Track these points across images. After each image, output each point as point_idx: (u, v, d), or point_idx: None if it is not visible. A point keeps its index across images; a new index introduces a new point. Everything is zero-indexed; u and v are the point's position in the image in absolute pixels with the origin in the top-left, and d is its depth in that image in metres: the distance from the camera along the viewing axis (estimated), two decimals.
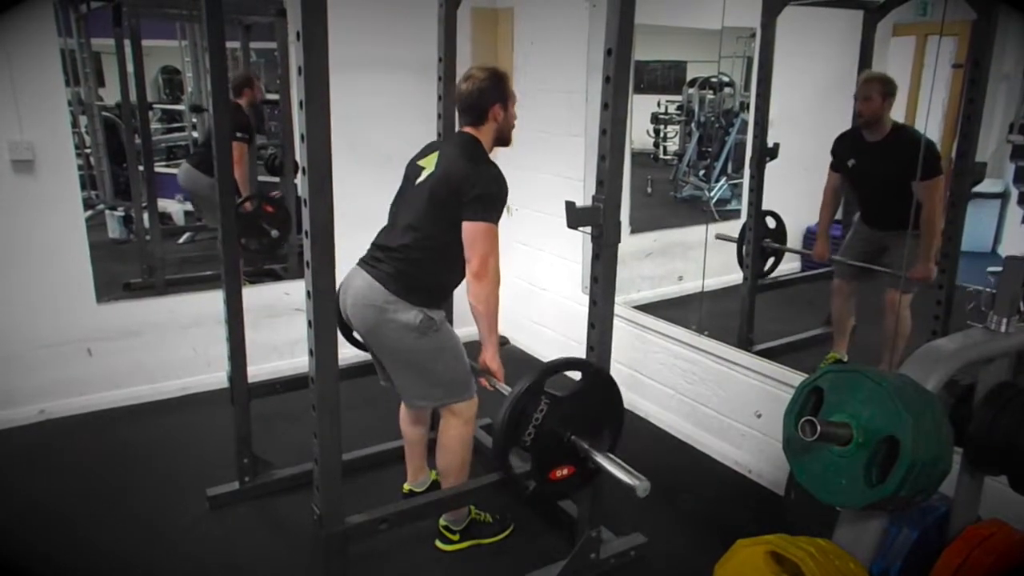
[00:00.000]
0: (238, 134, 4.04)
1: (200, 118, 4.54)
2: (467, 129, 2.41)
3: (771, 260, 3.72)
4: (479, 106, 2.36)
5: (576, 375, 2.19)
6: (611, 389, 2.18)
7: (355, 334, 2.62)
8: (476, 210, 2.24)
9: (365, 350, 2.68)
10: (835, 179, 3.40)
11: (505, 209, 2.42)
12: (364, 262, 2.43)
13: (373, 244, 2.49)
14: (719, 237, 3.67)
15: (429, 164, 2.41)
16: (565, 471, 2.14)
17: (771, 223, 3.66)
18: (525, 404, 2.03)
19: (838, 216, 3.49)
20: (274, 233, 4.03)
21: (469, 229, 2.25)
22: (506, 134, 2.45)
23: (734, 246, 3.71)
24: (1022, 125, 2.98)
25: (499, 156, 3.87)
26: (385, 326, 2.33)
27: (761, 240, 3.62)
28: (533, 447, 2.06)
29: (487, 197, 2.26)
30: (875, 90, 3.07)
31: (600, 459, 2.06)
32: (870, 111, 3.09)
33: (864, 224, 3.35)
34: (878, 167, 3.16)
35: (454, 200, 2.26)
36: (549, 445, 2.08)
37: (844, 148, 3.31)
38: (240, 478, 2.84)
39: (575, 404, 2.12)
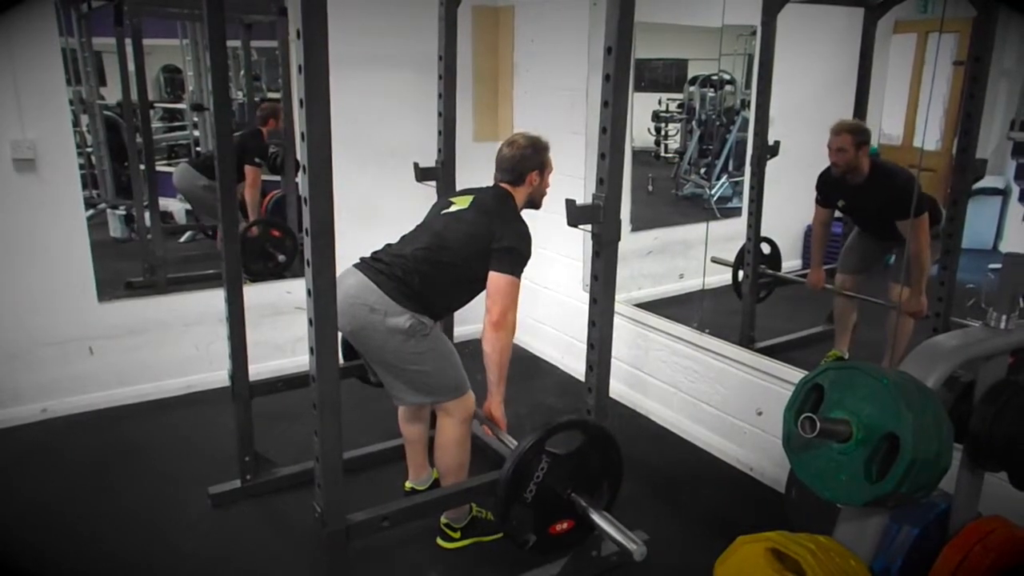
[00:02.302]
0: (256, 159, 4.15)
1: (201, 117, 4.55)
2: (503, 184, 2.51)
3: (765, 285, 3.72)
4: (518, 170, 2.49)
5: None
6: (611, 447, 2.22)
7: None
8: (504, 263, 2.32)
9: (356, 357, 2.70)
10: (823, 214, 3.44)
11: None
12: (361, 264, 2.44)
13: (375, 252, 2.50)
14: (715, 261, 3.65)
15: (462, 203, 2.49)
16: (565, 525, 2.19)
17: (766, 249, 3.67)
18: (527, 463, 2.08)
19: (837, 214, 3.49)
20: (281, 258, 4.09)
21: (495, 280, 2.32)
22: (537, 199, 2.59)
23: (734, 245, 3.71)
24: (1023, 122, 2.98)
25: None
26: (373, 327, 2.32)
27: (759, 264, 3.62)
28: (534, 503, 2.12)
29: (516, 252, 2.35)
30: (847, 142, 3.09)
31: (597, 519, 2.12)
32: (844, 161, 3.12)
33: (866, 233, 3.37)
34: (867, 207, 3.21)
35: (481, 241, 2.34)
36: (549, 501, 2.14)
37: (830, 189, 3.34)
38: (242, 476, 2.85)
39: (575, 462, 2.16)
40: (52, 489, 2.93)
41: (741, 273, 3.68)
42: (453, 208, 2.49)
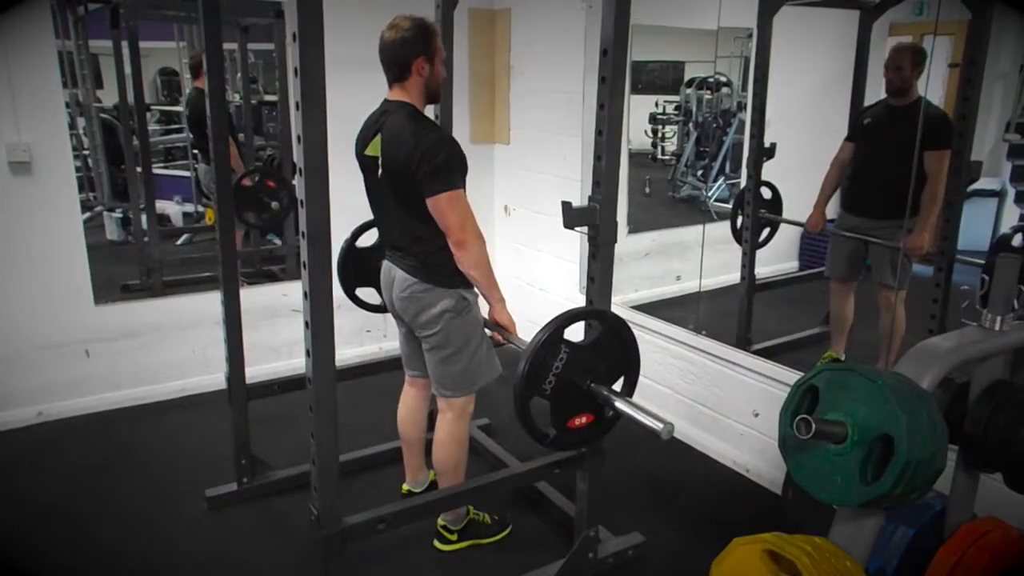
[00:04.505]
0: None
1: None
2: (395, 92, 2.30)
3: (767, 231, 3.71)
4: (401, 59, 2.24)
5: None
6: (628, 337, 2.16)
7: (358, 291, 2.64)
8: (433, 184, 2.16)
9: (368, 308, 2.70)
10: (846, 151, 3.38)
11: (503, 208, 2.40)
12: (391, 256, 2.45)
13: (384, 241, 2.49)
14: (713, 208, 3.65)
15: (375, 150, 2.30)
16: (584, 419, 2.12)
17: (767, 194, 3.65)
18: (545, 353, 1.99)
19: (831, 215, 3.49)
20: (274, 205, 4.04)
21: (433, 205, 2.19)
22: (434, 90, 2.34)
23: (731, 247, 3.72)
24: (1018, 124, 2.99)
25: (498, 156, 3.91)
26: (425, 312, 2.35)
27: (758, 207, 3.60)
28: (552, 395, 2.03)
29: (439, 168, 2.16)
30: (905, 60, 3.06)
31: (621, 404, 2.04)
32: (900, 80, 3.08)
33: (849, 213, 3.36)
34: (891, 130, 3.14)
35: (413, 187, 2.20)
36: (568, 393, 2.06)
37: (866, 112, 3.32)
38: (238, 479, 2.85)
39: (594, 352, 2.09)
40: (49, 492, 2.92)
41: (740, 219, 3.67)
42: (380, 168, 2.29)
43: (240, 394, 2.78)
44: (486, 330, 2.48)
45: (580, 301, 2.35)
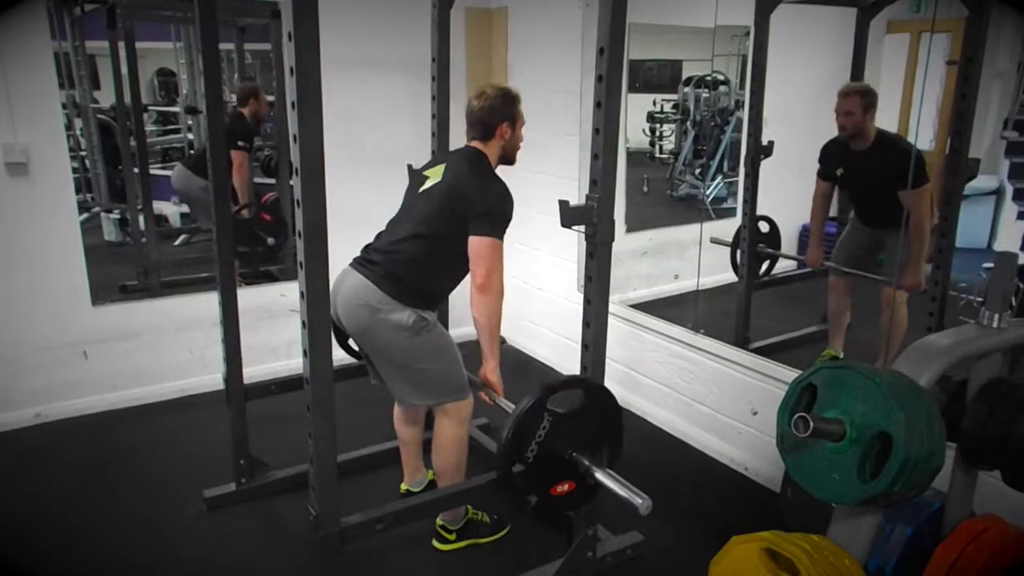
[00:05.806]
0: (239, 143, 4.08)
1: (195, 120, 4.54)
2: (474, 143, 2.45)
3: (765, 264, 3.73)
4: (488, 123, 2.41)
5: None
6: (611, 406, 2.20)
7: (350, 341, 2.63)
8: (483, 226, 2.28)
9: (357, 357, 2.68)
10: (824, 187, 3.42)
11: None
12: (356, 263, 2.44)
13: (367, 247, 2.49)
14: (713, 241, 3.68)
15: (435, 175, 2.44)
16: (566, 487, 2.16)
17: (764, 227, 3.68)
18: (528, 422, 2.05)
19: (833, 214, 3.50)
20: (270, 241, 4.08)
21: (475, 244, 2.29)
22: (511, 153, 2.51)
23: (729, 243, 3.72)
24: (1016, 121, 2.99)
25: None
26: (378, 326, 2.33)
27: (755, 243, 3.62)
28: (535, 463, 2.08)
29: (494, 213, 2.30)
30: (855, 104, 3.08)
31: (601, 476, 2.09)
32: (852, 124, 3.11)
33: (860, 222, 3.36)
34: (867, 176, 3.18)
35: (459, 211, 2.30)
36: (551, 461, 2.11)
37: (831, 158, 3.33)
38: (237, 479, 2.84)
39: (576, 421, 2.14)
40: (47, 493, 2.92)
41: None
42: (428, 184, 2.44)
43: (238, 394, 2.78)
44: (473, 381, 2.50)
45: (578, 300, 2.35)
